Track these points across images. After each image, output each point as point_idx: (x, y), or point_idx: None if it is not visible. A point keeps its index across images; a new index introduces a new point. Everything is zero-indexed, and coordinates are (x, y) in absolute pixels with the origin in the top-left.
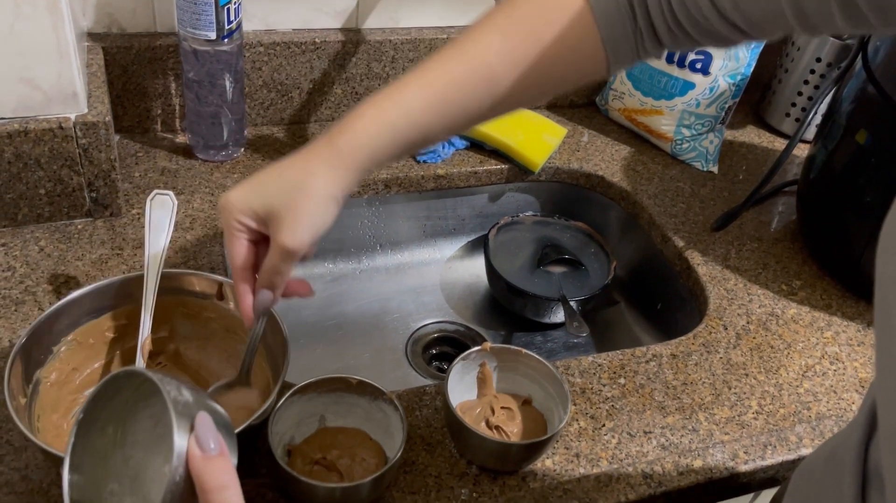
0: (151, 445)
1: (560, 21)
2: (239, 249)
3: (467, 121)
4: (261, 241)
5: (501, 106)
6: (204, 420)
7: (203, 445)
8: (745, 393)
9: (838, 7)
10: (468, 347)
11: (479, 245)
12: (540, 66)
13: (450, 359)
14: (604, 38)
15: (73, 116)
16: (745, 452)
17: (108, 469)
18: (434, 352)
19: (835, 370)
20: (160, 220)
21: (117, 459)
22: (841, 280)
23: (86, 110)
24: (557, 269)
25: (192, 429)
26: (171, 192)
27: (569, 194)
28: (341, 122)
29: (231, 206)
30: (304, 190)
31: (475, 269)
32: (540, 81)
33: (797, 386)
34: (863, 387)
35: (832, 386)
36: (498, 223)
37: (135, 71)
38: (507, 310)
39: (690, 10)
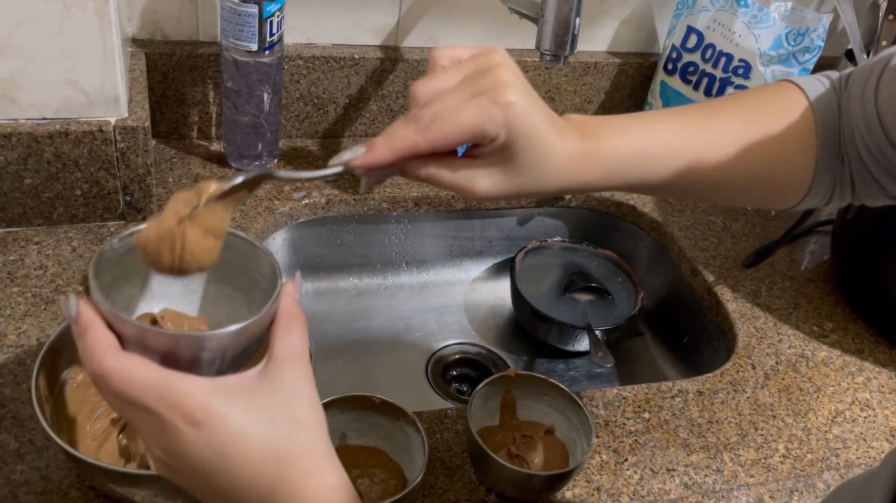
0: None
1: (786, 116)
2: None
3: (673, 182)
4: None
5: (705, 186)
6: (299, 278)
7: (297, 292)
8: (772, 435)
9: None
10: (489, 370)
11: (505, 268)
12: (757, 156)
13: (471, 381)
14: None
15: (113, 120)
16: (770, 497)
17: None
18: (455, 373)
19: (865, 417)
20: None
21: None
22: (874, 324)
23: (126, 115)
24: (584, 297)
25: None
26: None
27: (598, 222)
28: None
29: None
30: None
31: (500, 292)
32: (750, 173)
33: (826, 431)
34: (893, 436)
35: (862, 433)
36: (525, 247)
37: (175, 78)
38: (530, 336)
39: (875, 155)
